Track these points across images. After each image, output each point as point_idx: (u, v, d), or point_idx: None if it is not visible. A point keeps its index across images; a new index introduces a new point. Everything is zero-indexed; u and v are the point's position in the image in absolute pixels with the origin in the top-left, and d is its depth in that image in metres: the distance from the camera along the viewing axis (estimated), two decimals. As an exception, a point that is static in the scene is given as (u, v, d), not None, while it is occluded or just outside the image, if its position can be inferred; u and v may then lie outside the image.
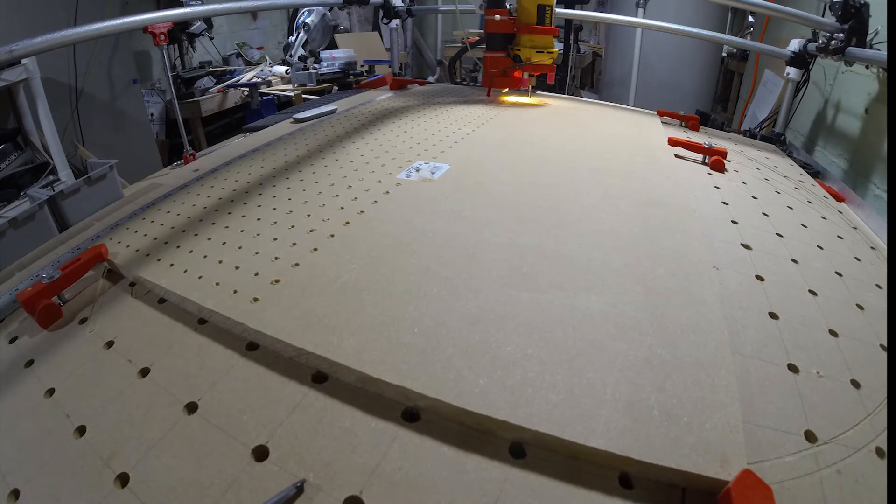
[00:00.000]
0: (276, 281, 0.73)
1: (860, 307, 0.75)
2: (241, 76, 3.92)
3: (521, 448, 0.49)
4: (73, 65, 2.58)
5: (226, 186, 1.16)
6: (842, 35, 1.54)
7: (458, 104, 1.84)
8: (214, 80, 3.70)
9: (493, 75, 1.92)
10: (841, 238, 0.99)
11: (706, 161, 1.26)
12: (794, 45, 1.80)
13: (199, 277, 0.77)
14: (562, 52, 3.56)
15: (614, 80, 3.55)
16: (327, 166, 1.21)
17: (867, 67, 1.61)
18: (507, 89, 2.01)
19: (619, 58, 3.43)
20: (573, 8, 2.94)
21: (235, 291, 0.72)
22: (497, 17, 1.82)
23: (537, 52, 1.82)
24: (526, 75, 1.88)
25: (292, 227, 0.90)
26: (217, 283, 0.74)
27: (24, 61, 2.01)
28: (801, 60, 1.79)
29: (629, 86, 3.24)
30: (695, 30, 2.06)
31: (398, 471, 0.47)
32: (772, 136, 1.85)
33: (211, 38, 4.05)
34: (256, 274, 0.76)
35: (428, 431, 0.51)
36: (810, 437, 0.52)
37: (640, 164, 1.18)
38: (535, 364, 0.56)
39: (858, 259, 0.91)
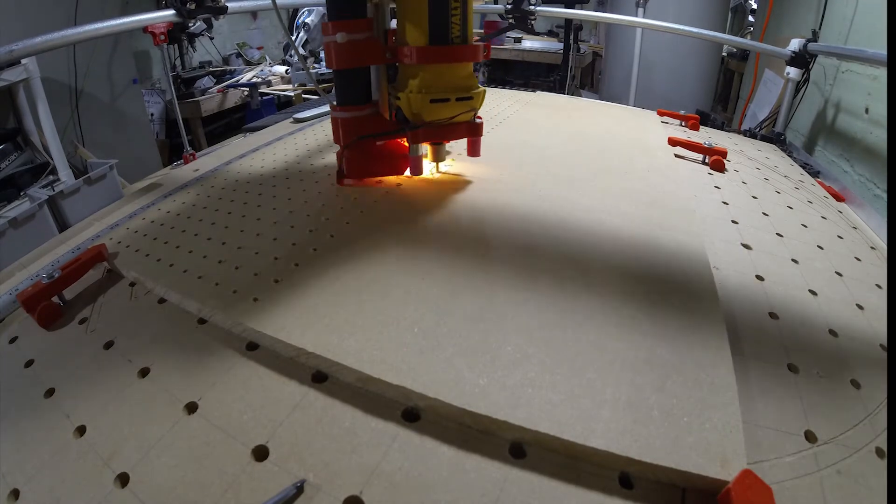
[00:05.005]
0: (276, 281, 0.73)
1: (860, 307, 0.75)
2: (241, 76, 3.92)
3: (521, 448, 0.49)
4: (73, 65, 2.58)
5: (226, 186, 1.16)
6: None
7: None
8: (214, 80, 3.71)
9: (344, 152, 1.01)
10: (841, 238, 0.99)
11: (706, 161, 1.26)
12: (794, 44, 1.80)
13: (199, 277, 0.77)
14: (562, 51, 3.55)
15: (614, 80, 3.54)
16: (327, 166, 1.21)
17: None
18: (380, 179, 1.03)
19: (619, 58, 3.43)
20: (573, 8, 2.94)
21: (235, 291, 0.72)
22: (338, 37, 0.89)
23: (433, 101, 0.91)
24: (423, 150, 1.01)
25: (292, 227, 0.90)
26: (217, 284, 0.74)
27: (24, 61, 2.02)
28: (801, 60, 1.79)
29: (629, 86, 3.24)
30: (695, 30, 2.06)
31: (398, 471, 0.47)
32: (772, 135, 1.85)
33: (211, 38, 4.06)
34: (256, 274, 0.76)
35: (428, 431, 0.51)
36: (810, 437, 0.52)
37: (640, 164, 1.18)
38: (535, 364, 0.56)
39: (858, 259, 0.91)
